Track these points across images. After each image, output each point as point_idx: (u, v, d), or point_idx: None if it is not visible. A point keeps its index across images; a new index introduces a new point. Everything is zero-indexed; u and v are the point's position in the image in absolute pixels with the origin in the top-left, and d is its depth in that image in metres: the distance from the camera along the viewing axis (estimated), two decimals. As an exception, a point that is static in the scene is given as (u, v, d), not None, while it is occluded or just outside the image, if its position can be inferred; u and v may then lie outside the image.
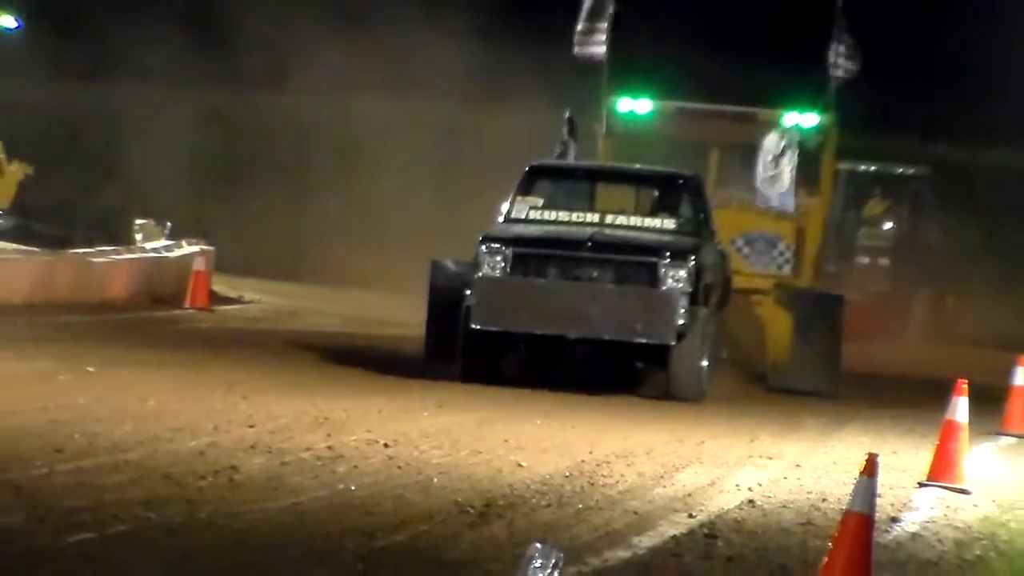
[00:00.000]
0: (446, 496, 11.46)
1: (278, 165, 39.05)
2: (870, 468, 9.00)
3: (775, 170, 19.80)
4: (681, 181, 19.04)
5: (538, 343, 17.73)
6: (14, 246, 27.65)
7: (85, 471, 10.82)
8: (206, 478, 10.89)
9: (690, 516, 11.63)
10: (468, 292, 17.13)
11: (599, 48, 21.34)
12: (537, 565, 5.06)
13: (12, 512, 9.20)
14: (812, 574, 9.31)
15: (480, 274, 17.07)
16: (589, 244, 17.29)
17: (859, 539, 8.91)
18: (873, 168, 32.24)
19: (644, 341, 17.00)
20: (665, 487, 12.94)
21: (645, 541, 10.73)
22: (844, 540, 8.93)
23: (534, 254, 17.40)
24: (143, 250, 27.89)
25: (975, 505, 13.23)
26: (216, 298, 26.42)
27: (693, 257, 17.18)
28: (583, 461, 13.37)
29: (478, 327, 16.91)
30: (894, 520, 11.98)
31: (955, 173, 34.47)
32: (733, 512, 12.02)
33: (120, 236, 28.87)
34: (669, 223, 18.26)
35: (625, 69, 22.26)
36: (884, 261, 31.00)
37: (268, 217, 36.19)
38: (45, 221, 32.78)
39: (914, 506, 13.01)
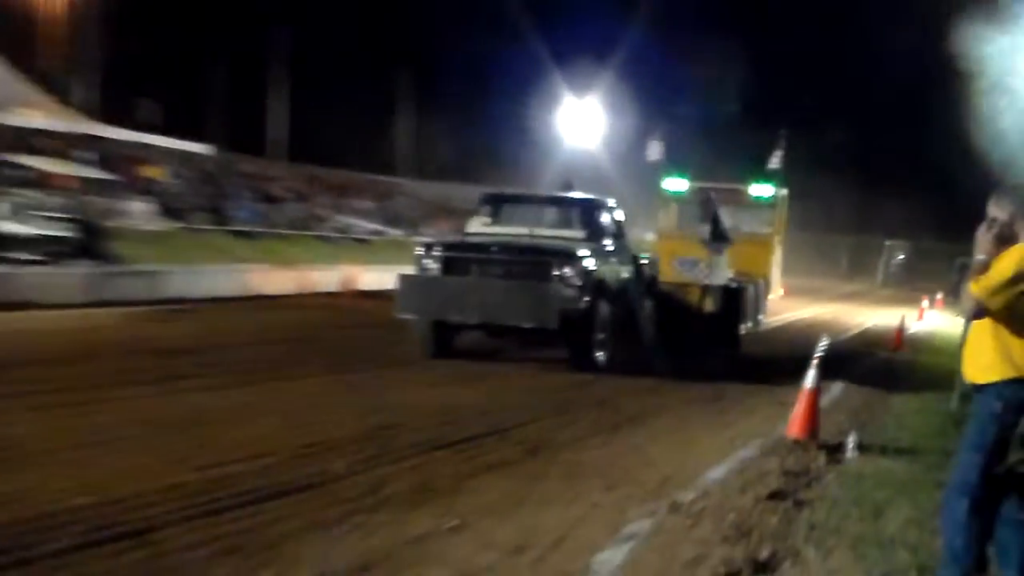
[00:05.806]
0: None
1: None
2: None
3: (707, 224, 20.22)
4: (593, 202, 17.47)
5: (455, 327, 15.99)
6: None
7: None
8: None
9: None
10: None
11: (658, 155, 25.61)
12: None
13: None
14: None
15: (402, 272, 15.87)
16: (493, 248, 15.71)
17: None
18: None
19: (531, 326, 15.04)
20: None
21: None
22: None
23: (456, 256, 15.79)
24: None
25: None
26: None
27: (580, 257, 15.41)
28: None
29: (397, 316, 15.65)
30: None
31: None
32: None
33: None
34: (578, 234, 16.60)
35: (671, 165, 25.61)
36: None
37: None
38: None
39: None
